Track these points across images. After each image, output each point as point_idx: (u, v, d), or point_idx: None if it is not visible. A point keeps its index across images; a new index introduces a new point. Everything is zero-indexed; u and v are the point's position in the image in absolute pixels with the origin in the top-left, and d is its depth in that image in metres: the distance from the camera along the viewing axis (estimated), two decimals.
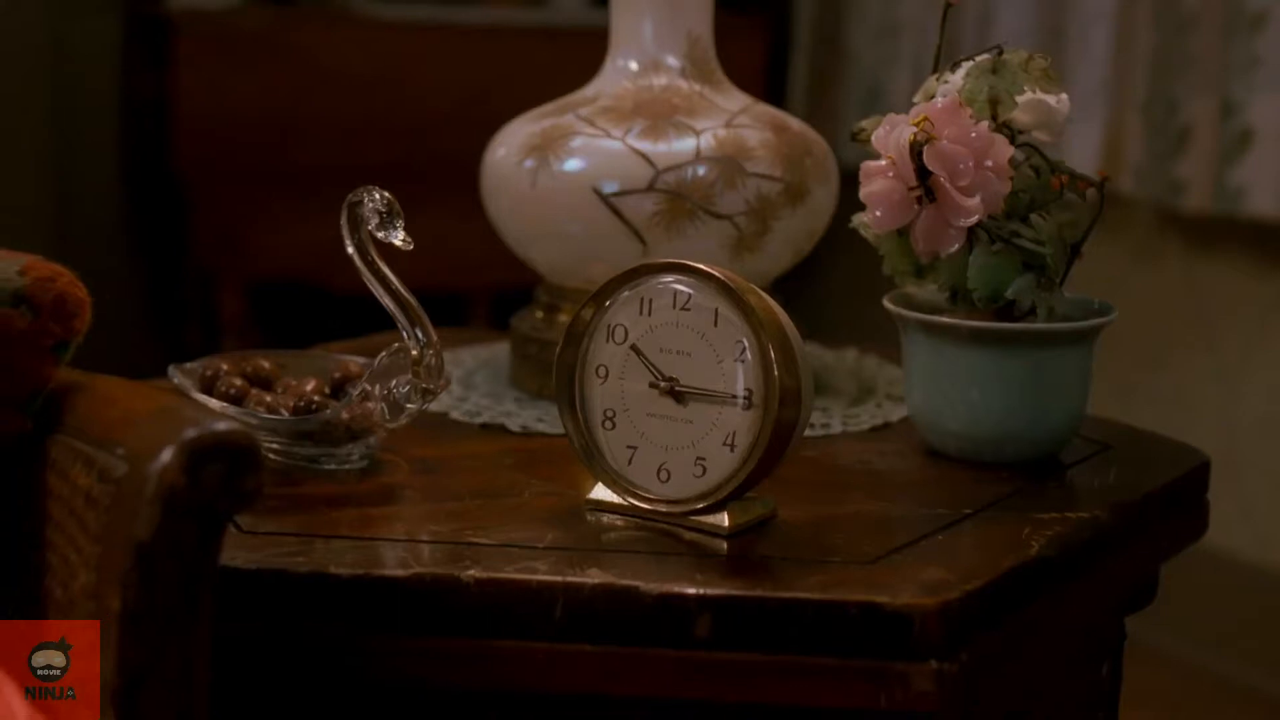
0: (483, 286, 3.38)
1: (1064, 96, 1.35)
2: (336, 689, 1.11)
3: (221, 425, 0.94)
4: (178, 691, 0.95)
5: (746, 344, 1.14)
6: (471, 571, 1.08)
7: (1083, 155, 2.90)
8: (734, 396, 1.14)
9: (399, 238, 1.24)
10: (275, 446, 1.28)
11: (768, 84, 3.63)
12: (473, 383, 1.54)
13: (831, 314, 3.35)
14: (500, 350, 1.63)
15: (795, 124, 1.51)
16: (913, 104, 1.32)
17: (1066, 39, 3.00)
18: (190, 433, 0.94)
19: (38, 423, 1.09)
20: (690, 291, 1.16)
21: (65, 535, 1.02)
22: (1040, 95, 1.33)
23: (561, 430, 1.24)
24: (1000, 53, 1.34)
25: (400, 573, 1.08)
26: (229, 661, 1.02)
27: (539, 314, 1.53)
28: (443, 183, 2.90)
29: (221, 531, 0.95)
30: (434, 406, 1.43)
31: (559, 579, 1.07)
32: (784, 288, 1.51)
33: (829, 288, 3.33)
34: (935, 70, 1.38)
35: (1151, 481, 1.32)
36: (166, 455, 0.93)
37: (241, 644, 1.06)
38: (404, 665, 1.08)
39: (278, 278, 3.37)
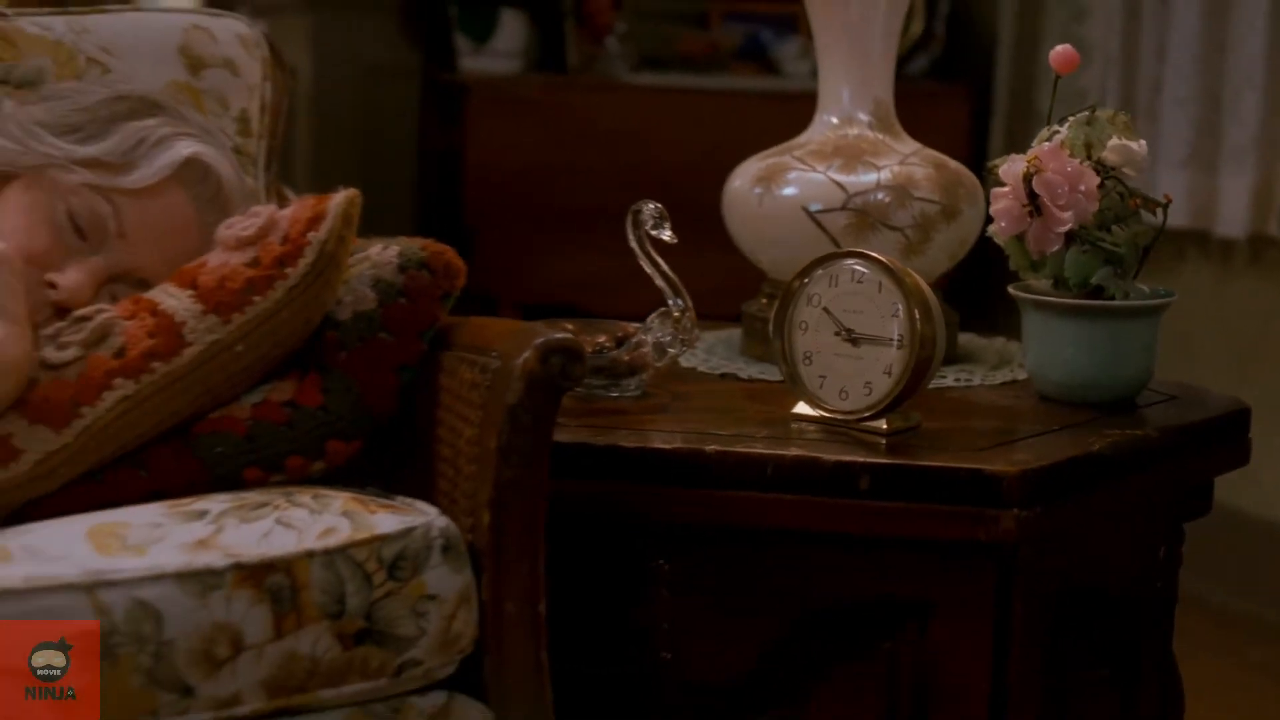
0: (715, 312, 3.95)
1: (1143, 142, 1.87)
2: (617, 526, 1.68)
3: (560, 334, 1.53)
4: (529, 501, 1.52)
5: (899, 306, 1.68)
6: (712, 446, 1.65)
7: (1235, 202, 3.41)
8: (891, 340, 1.69)
9: (666, 234, 1.81)
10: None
11: (972, 138, 4.16)
12: (714, 350, 2.11)
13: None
14: (734, 332, 2.19)
15: (952, 163, 2.06)
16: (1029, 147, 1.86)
17: (1223, 103, 3.50)
18: (541, 339, 1.52)
19: (431, 346, 1.67)
20: (864, 270, 1.71)
21: (454, 412, 1.60)
22: (1125, 142, 1.86)
23: (775, 379, 1.80)
24: (1093, 110, 1.87)
25: (665, 446, 1.66)
26: (552, 504, 1.59)
27: (763, 300, 2.09)
28: (685, 224, 3.46)
29: (559, 399, 1.53)
30: (685, 363, 2.00)
31: (770, 451, 1.63)
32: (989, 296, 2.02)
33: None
34: (1048, 123, 1.91)
35: (1197, 416, 1.84)
36: (528, 352, 1.51)
37: (560, 495, 1.62)
38: (665, 509, 1.65)
39: (546, 302, 3.97)
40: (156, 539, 1.44)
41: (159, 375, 1.57)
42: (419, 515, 1.52)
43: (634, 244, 1.83)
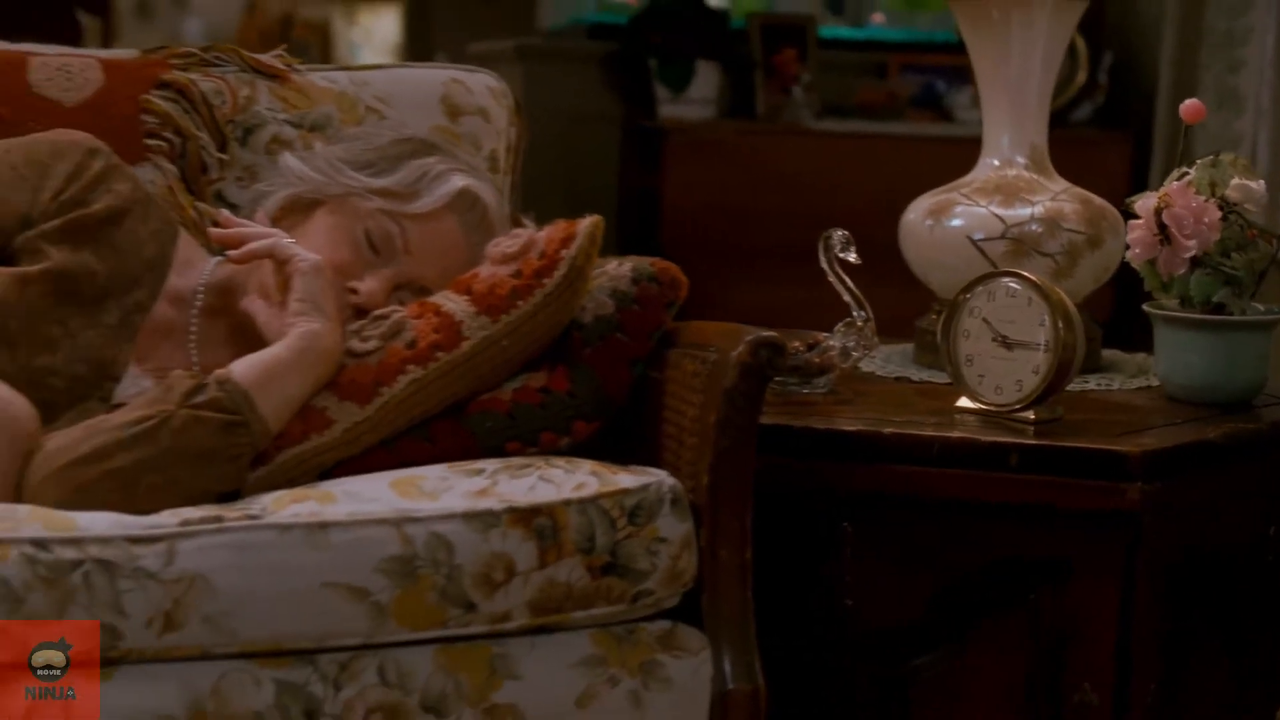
0: (887, 335, 4.28)
1: (1261, 182, 2.20)
2: (810, 495, 2.03)
3: (767, 333, 1.89)
4: (740, 467, 1.88)
5: (1046, 317, 2.02)
6: (889, 429, 2.00)
7: None
8: (1038, 345, 2.03)
9: (852, 256, 2.17)
10: (774, 380, 2.20)
11: (1131, 182, 4.47)
12: (890, 359, 2.46)
13: None
14: (907, 347, 2.53)
15: (1097, 200, 2.39)
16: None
17: None
18: (752, 336, 1.88)
19: (658, 344, 2.03)
20: (1017, 287, 2.06)
21: (678, 397, 1.96)
22: (1245, 181, 2.19)
23: (942, 381, 2.15)
24: (1217, 155, 2.20)
25: (849, 428, 2.01)
26: (758, 476, 1.94)
27: (933, 316, 2.43)
28: (863, 258, 3.79)
29: (766, 385, 1.89)
30: (864, 368, 2.35)
31: (936, 434, 1.99)
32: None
33: None
34: (1178, 165, 2.23)
35: None
36: (741, 346, 1.87)
37: (765, 468, 1.97)
38: (849, 481, 2.01)
39: None
40: (446, 488, 1.82)
41: (442, 363, 1.94)
42: (652, 476, 1.88)
43: (824, 264, 2.19)
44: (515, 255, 2.02)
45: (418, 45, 6.95)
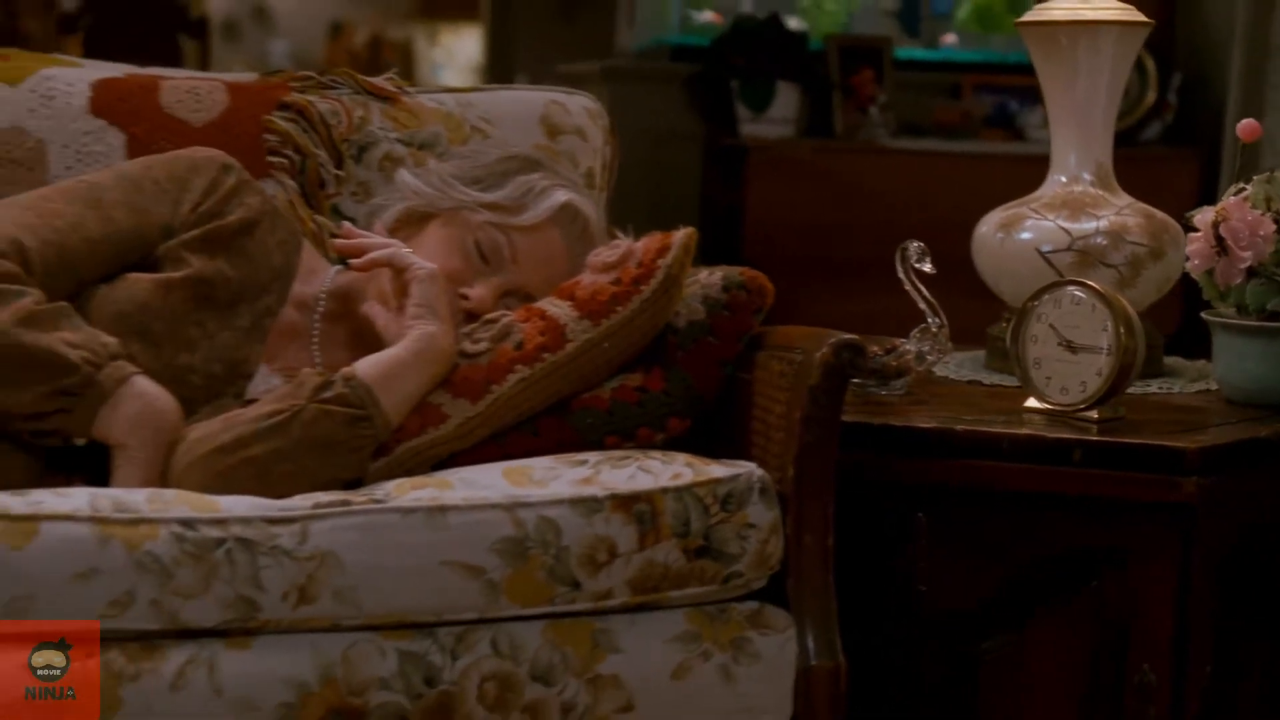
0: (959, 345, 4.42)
1: None
2: (888, 488, 2.18)
3: (848, 336, 2.04)
4: (823, 460, 2.03)
5: (1108, 322, 2.17)
6: (961, 426, 2.15)
7: None
8: (1101, 349, 2.17)
9: (927, 266, 2.32)
10: (854, 381, 2.35)
11: (1200, 198, 4.59)
12: (963, 365, 2.60)
13: None
14: (979, 354, 2.68)
15: (1159, 214, 2.53)
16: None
17: None
18: (835, 338, 2.04)
19: (746, 347, 2.18)
20: (1081, 295, 2.20)
21: (765, 395, 2.12)
22: None
23: (1011, 384, 2.30)
24: (1273, 172, 2.34)
25: (924, 425, 2.16)
26: (839, 469, 2.09)
27: (1004, 323, 2.58)
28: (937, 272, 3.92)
29: (847, 385, 2.04)
30: (939, 372, 2.50)
31: (1005, 431, 2.13)
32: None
33: None
34: (1235, 181, 2.37)
35: None
36: (825, 348, 2.03)
37: (846, 462, 2.12)
38: (923, 474, 2.15)
39: None
40: (554, 477, 1.98)
41: (547, 363, 2.10)
42: (742, 467, 2.03)
43: (901, 274, 2.35)
44: (614, 264, 2.17)
45: (499, 66, 7.12)
